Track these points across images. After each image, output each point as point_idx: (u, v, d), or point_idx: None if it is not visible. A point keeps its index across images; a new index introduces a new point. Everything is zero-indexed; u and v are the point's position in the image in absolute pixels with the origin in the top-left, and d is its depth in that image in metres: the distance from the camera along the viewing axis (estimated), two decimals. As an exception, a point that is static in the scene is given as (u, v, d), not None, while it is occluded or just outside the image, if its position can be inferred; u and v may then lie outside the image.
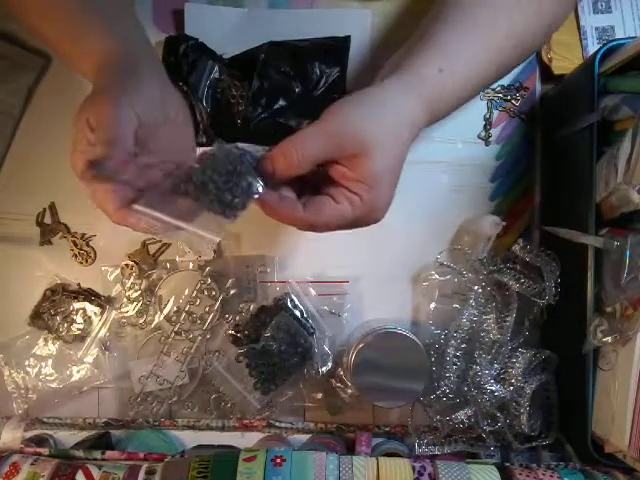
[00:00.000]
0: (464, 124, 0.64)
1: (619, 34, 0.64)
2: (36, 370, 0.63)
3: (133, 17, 0.49)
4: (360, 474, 0.48)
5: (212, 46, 0.60)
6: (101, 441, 0.60)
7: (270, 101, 0.56)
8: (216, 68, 0.59)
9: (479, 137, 0.65)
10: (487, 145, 0.65)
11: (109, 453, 0.55)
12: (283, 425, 0.63)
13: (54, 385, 0.63)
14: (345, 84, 0.59)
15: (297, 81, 0.57)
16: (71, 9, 0.46)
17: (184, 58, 0.58)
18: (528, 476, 0.49)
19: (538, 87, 0.65)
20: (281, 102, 0.57)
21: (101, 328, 0.64)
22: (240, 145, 0.42)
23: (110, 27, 0.46)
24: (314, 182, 0.44)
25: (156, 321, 0.63)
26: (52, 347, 0.64)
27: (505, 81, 0.64)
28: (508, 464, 0.53)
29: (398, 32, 0.64)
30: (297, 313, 0.61)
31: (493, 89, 0.64)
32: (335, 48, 0.60)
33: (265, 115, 0.56)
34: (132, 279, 0.64)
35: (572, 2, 0.52)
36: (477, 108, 0.64)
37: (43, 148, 0.64)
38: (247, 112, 0.56)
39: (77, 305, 0.63)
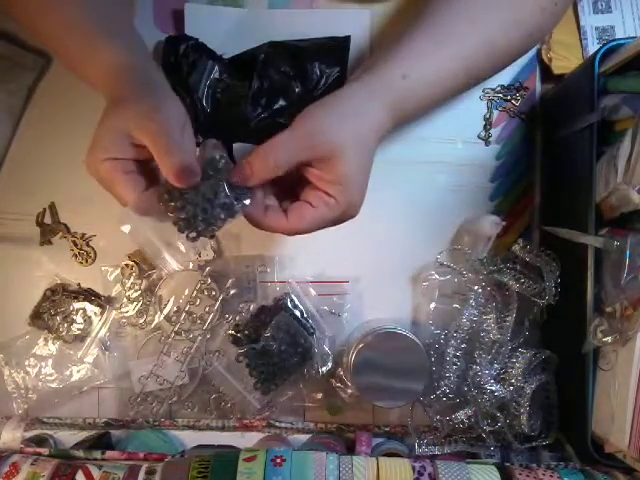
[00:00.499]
0: (464, 124, 0.64)
1: (619, 34, 0.64)
2: (36, 370, 0.63)
3: (135, 30, 0.52)
4: (360, 474, 0.48)
5: (212, 46, 0.60)
6: (101, 441, 0.60)
7: (270, 101, 0.56)
8: (216, 68, 0.59)
9: (479, 137, 0.65)
10: (487, 145, 0.65)
11: (109, 453, 0.55)
12: (283, 425, 0.63)
13: (54, 385, 0.63)
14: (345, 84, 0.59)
15: (297, 81, 0.57)
16: (76, 18, 0.48)
17: (184, 58, 0.58)
18: (528, 476, 0.49)
19: (538, 87, 0.65)
20: (281, 102, 0.57)
21: (101, 328, 0.64)
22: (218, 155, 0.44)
23: (118, 40, 0.47)
24: (290, 185, 0.47)
25: (156, 321, 0.63)
26: (52, 347, 0.64)
27: (505, 81, 0.64)
28: (508, 464, 0.53)
29: (398, 32, 0.64)
30: (297, 313, 0.61)
31: (493, 89, 0.64)
32: (335, 48, 0.60)
33: (265, 115, 0.56)
34: (132, 279, 0.64)
35: (558, 12, 0.52)
36: (477, 108, 0.64)
37: (43, 148, 0.64)
38: (247, 112, 0.56)
39: (77, 305, 0.63)
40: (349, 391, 0.61)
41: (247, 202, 0.44)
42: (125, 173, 0.45)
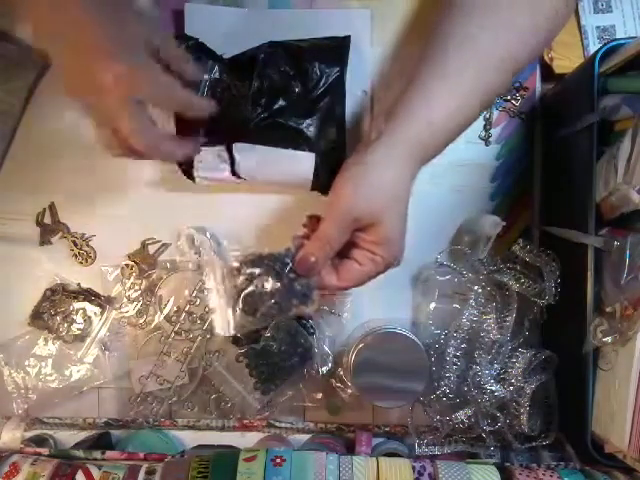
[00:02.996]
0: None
1: (620, 34, 0.64)
2: (36, 370, 0.63)
3: None
4: (360, 474, 0.48)
5: (212, 46, 0.60)
6: (101, 441, 0.61)
7: (270, 101, 0.56)
8: (216, 68, 0.59)
9: (479, 137, 0.65)
10: (487, 145, 0.65)
11: (109, 453, 0.55)
12: (283, 425, 0.63)
13: (54, 385, 0.63)
14: (345, 84, 0.59)
15: (297, 81, 0.57)
16: None
17: None
18: (528, 476, 0.49)
19: (538, 87, 0.65)
20: (281, 102, 0.57)
21: (101, 328, 0.64)
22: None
23: None
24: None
25: (156, 321, 0.63)
26: (52, 347, 0.64)
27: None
28: (508, 464, 0.53)
29: (398, 32, 0.64)
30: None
31: (493, 89, 0.64)
32: (335, 48, 0.60)
33: (265, 115, 0.56)
34: (132, 279, 0.64)
35: (569, 14, 0.51)
36: (477, 108, 0.64)
37: (43, 148, 0.64)
38: (247, 112, 0.56)
39: (77, 305, 0.63)
40: (349, 391, 0.61)
41: (315, 294, 0.49)
42: (137, 103, 0.43)
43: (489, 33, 0.47)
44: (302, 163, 0.57)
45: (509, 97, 0.65)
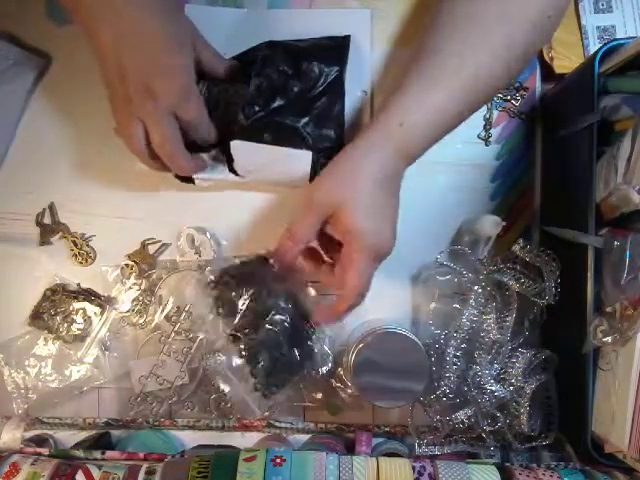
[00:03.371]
0: (464, 124, 0.64)
1: (620, 34, 0.64)
2: (36, 370, 0.63)
3: None
4: (360, 474, 0.48)
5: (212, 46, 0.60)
6: (101, 441, 0.61)
7: (268, 100, 0.56)
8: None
9: (479, 137, 0.65)
10: (487, 145, 0.65)
11: (109, 453, 0.55)
12: (283, 425, 0.63)
13: (54, 385, 0.63)
14: (344, 83, 0.59)
15: (295, 80, 0.57)
16: None
17: None
18: (528, 476, 0.49)
19: (538, 87, 0.65)
20: (279, 101, 0.57)
21: (101, 328, 0.64)
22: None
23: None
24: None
25: (156, 321, 0.63)
26: (52, 347, 0.64)
27: (505, 81, 0.64)
28: (508, 464, 0.53)
29: (398, 32, 0.64)
30: (297, 313, 0.61)
31: (493, 89, 0.64)
32: (335, 48, 0.60)
33: (262, 114, 0.56)
34: (132, 279, 0.64)
35: (553, 24, 0.51)
36: (477, 108, 0.64)
37: (43, 148, 0.64)
38: (245, 111, 0.56)
39: (77, 305, 0.63)
40: (349, 391, 0.61)
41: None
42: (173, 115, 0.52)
43: (457, 55, 0.48)
44: (300, 161, 0.57)
45: (509, 97, 0.65)
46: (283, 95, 0.57)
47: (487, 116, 0.65)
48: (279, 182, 0.61)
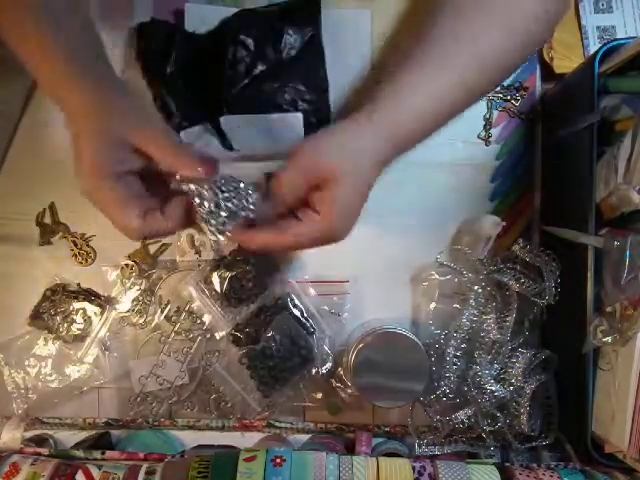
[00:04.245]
0: (464, 124, 0.64)
1: (620, 34, 0.64)
2: (36, 370, 0.63)
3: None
4: (360, 474, 0.48)
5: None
6: (101, 441, 0.61)
7: (249, 67, 0.56)
8: (190, 45, 0.59)
9: (479, 137, 0.65)
10: (487, 145, 0.65)
11: (109, 453, 0.55)
12: (283, 425, 0.63)
13: (54, 385, 0.63)
14: (322, 43, 0.58)
15: (271, 45, 0.57)
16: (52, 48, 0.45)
17: (156, 40, 0.58)
18: (528, 476, 0.49)
19: (538, 87, 0.65)
20: (260, 67, 0.56)
21: (101, 328, 0.64)
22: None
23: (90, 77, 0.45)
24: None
25: (156, 321, 0.63)
26: (52, 347, 0.64)
27: (505, 81, 0.64)
28: (508, 464, 0.53)
29: (398, 32, 0.64)
30: (297, 313, 0.61)
31: (493, 89, 0.64)
32: (305, 8, 0.59)
33: (246, 82, 0.56)
34: (132, 279, 0.64)
35: (552, 20, 0.51)
36: (477, 108, 0.64)
37: (43, 148, 0.64)
38: (227, 81, 0.56)
39: (77, 305, 0.63)
40: (349, 391, 0.61)
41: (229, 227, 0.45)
42: (128, 196, 0.45)
43: (469, 37, 0.47)
44: (292, 124, 0.57)
45: (509, 97, 0.65)
46: (263, 61, 0.56)
47: (487, 116, 0.65)
48: (275, 150, 0.60)
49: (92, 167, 0.44)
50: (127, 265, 0.64)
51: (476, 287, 0.59)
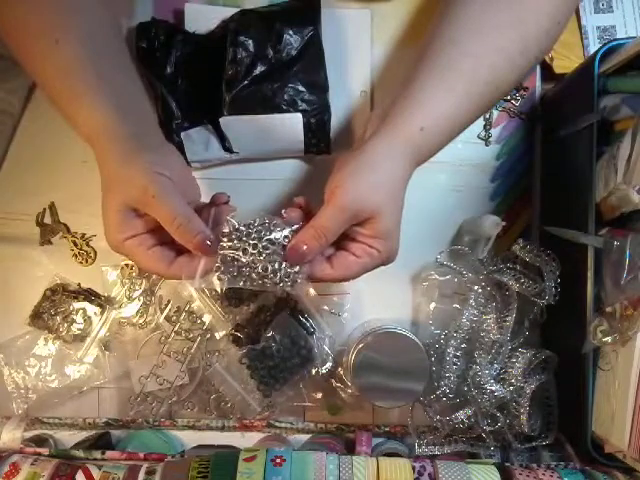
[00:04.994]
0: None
1: (620, 34, 0.64)
2: (36, 370, 0.63)
3: (130, 82, 0.53)
4: (360, 474, 0.48)
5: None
6: (101, 441, 0.60)
7: (249, 68, 0.56)
8: (190, 45, 0.59)
9: (479, 137, 0.65)
10: (487, 145, 0.65)
11: (109, 453, 0.55)
12: (283, 425, 0.63)
13: (54, 385, 0.63)
14: (321, 43, 0.58)
15: (272, 45, 0.57)
16: (67, 68, 0.48)
17: (156, 40, 0.58)
18: (528, 476, 0.49)
19: (538, 87, 0.65)
20: (260, 68, 0.56)
21: (101, 328, 0.64)
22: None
23: (106, 99, 0.48)
24: None
25: (156, 321, 0.63)
26: (52, 347, 0.64)
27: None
28: (508, 464, 0.53)
29: (398, 32, 0.64)
30: (297, 313, 0.61)
31: (493, 89, 0.64)
32: (305, 7, 0.59)
33: (246, 83, 0.56)
34: (132, 279, 0.64)
35: (561, 31, 0.51)
36: (477, 108, 0.64)
37: (43, 148, 0.64)
38: (227, 82, 0.56)
39: (77, 305, 0.63)
40: (349, 391, 0.61)
41: (301, 277, 0.47)
42: (148, 249, 0.47)
43: (473, 57, 0.48)
44: (291, 125, 0.57)
45: (509, 97, 0.65)
46: (263, 62, 0.56)
47: (487, 116, 0.65)
48: (275, 150, 0.61)
49: (116, 227, 0.46)
50: (127, 265, 0.64)
51: (476, 287, 0.59)
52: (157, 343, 0.63)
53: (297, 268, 0.47)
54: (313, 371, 0.61)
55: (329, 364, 0.61)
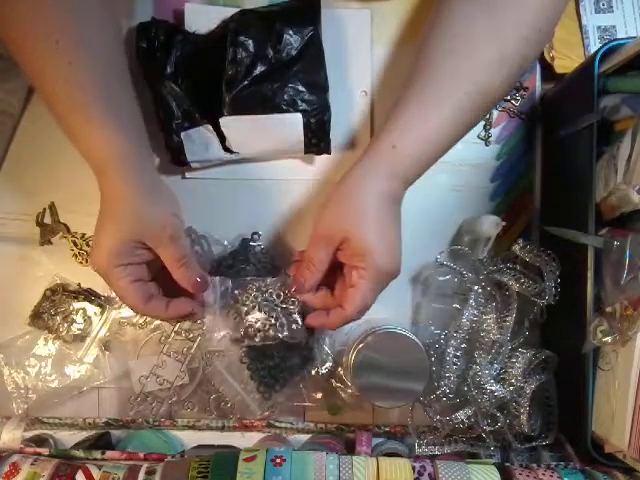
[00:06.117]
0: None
1: (621, 34, 0.64)
2: (36, 370, 0.63)
3: (134, 108, 0.54)
4: (360, 474, 0.48)
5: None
6: (101, 441, 0.61)
7: (248, 69, 0.56)
8: (190, 45, 0.59)
9: (479, 137, 0.65)
10: (487, 145, 0.65)
11: (109, 453, 0.55)
12: (283, 425, 0.63)
13: (54, 385, 0.63)
14: (321, 43, 0.58)
15: (271, 45, 0.57)
16: (74, 95, 0.49)
17: (156, 40, 0.58)
18: (528, 476, 0.49)
19: (538, 87, 0.65)
20: (259, 68, 0.56)
21: (101, 328, 0.64)
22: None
23: (112, 126, 0.49)
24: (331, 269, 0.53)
25: (156, 321, 0.63)
26: (52, 347, 0.64)
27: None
28: (508, 464, 0.53)
29: (398, 32, 0.64)
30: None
31: (493, 89, 0.64)
32: (305, 7, 0.59)
33: (246, 83, 0.56)
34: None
35: (544, 37, 0.51)
36: (477, 108, 0.64)
37: (43, 148, 0.64)
38: (227, 82, 0.56)
39: (77, 305, 0.63)
40: (349, 391, 0.61)
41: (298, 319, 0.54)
42: (132, 281, 0.49)
43: (462, 66, 0.49)
44: (291, 125, 0.57)
45: (509, 97, 0.65)
46: (263, 62, 0.56)
47: (487, 116, 0.65)
48: (275, 151, 0.61)
49: (107, 255, 0.48)
50: (127, 265, 0.64)
51: (476, 287, 0.59)
52: (157, 343, 0.63)
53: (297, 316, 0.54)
54: (313, 371, 0.61)
55: (329, 364, 0.61)
